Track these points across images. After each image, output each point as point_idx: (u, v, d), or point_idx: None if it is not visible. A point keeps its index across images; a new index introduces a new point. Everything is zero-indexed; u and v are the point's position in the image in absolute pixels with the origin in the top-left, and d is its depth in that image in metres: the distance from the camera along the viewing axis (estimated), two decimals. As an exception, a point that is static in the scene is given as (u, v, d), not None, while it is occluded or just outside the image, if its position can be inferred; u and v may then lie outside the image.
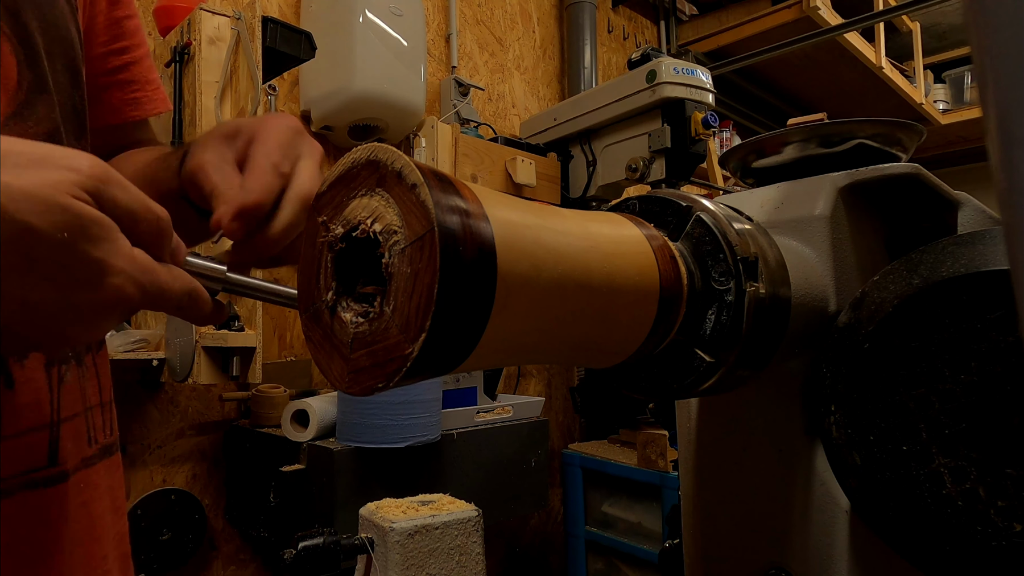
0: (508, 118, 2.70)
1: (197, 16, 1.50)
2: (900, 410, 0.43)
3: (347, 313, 0.33)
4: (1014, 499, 0.39)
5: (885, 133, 0.58)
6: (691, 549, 0.61)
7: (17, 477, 0.44)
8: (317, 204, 0.35)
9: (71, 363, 0.50)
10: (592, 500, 2.34)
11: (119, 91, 0.63)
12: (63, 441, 0.48)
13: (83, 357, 0.52)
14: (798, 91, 3.90)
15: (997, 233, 0.42)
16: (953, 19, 3.87)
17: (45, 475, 0.46)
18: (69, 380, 0.50)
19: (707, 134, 2.01)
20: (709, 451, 0.59)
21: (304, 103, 2.02)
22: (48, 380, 0.47)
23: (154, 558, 1.62)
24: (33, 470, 0.46)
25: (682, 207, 0.44)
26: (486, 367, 0.43)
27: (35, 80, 0.47)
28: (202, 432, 1.78)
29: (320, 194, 0.35)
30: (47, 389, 0.47)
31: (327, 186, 0.35)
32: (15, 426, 0.44)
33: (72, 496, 0.49)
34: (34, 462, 0.46)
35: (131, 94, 0.64)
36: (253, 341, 1.42)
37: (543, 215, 0.36)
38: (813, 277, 0.51)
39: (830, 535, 0.51)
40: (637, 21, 3.41)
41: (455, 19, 2.48)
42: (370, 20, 1.88)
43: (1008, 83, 0.18)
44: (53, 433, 0.47)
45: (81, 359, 0.52)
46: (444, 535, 1.08)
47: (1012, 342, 0.39)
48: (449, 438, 1.66)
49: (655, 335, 0.41)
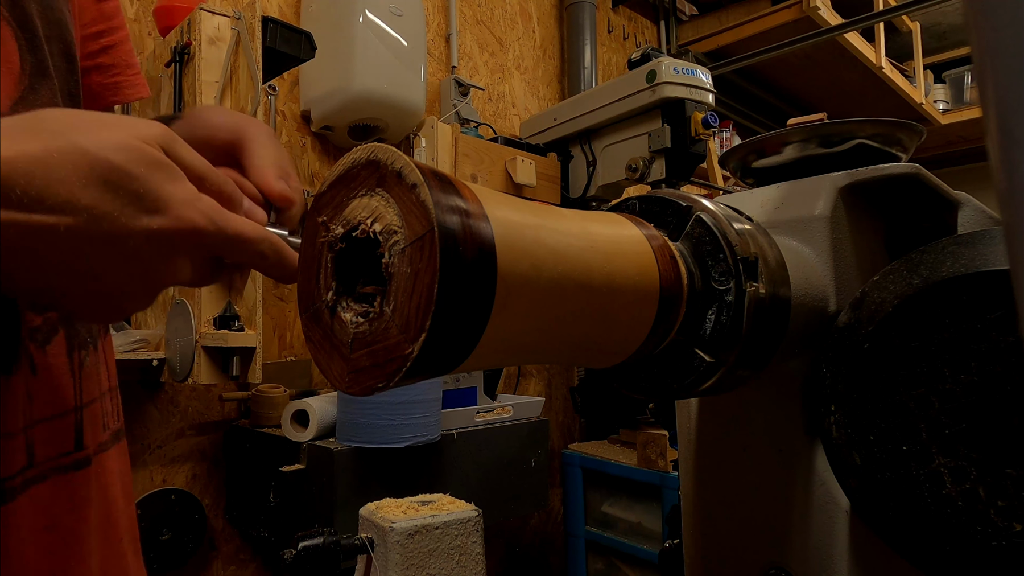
0: (508, 118, 2.70)
1: (197, 16, 1.50)
2: (900, 410, 0.43)
3: (347, 313, 0.33)
4: (1014, 499, 0.39)
5: (885, 133, 0.58)
6: (691, 549, 0.61)
7: (50, 461, 0.46)
8: (317, 204, 0.35)
9: (89, 348, 0.51)
10: (592, 500, 2.34)
11: (99, 75, 0.61)
12: (85, 426, 0.49)
13: (99, 342, 0.53)
14: (798, 91, 3.90)
15: (997, 233, 0.42)
16: (953, 19, 3.87)
17: (74, 459, 0.48)
18: (88, 365, 0.51)
19: (707, 134, 2.01)
20: (709, 451, 0.59)
21: (304, 103, 2.02)
22: (70, 365, 0.48)
23: (154, 558, 1.62)
24: (63, 454, 0.47)
25: (682, 207, 0.44)
26: (486, 367, 0.43)
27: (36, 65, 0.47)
28: (202, 432, 1.78)
29: (320, 194, 0.35)
30: (69, 374, 0.48)
31: (327, 186, 0.35)
32: (44, 411, 0.45)
33: (94, 480, 0.50)
34: (63, 446, 0.47)
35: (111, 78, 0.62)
36: (253, 341, 1.42)
37: (543, 215, 0.36)
38: (813, 277, 0.51)
39: (830, 535, 0.51)
40: (637, 21, 3.41)
41: (455, 19, 2.48)
42: (370, 20, 1.88)
43: (1008, 83, 0.18)
44: (77, 418, 0.48)
45: (97, 344, 0.53)
46: (444, 535, 1.08)
47: (1012, 342, 0.39)
48: (449, 438, 1.66)
49: (655, 335, 0.41)
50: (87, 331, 0.51)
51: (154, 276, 0.35)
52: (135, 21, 1.74)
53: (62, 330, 0.48)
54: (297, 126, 2.05)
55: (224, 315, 1.44)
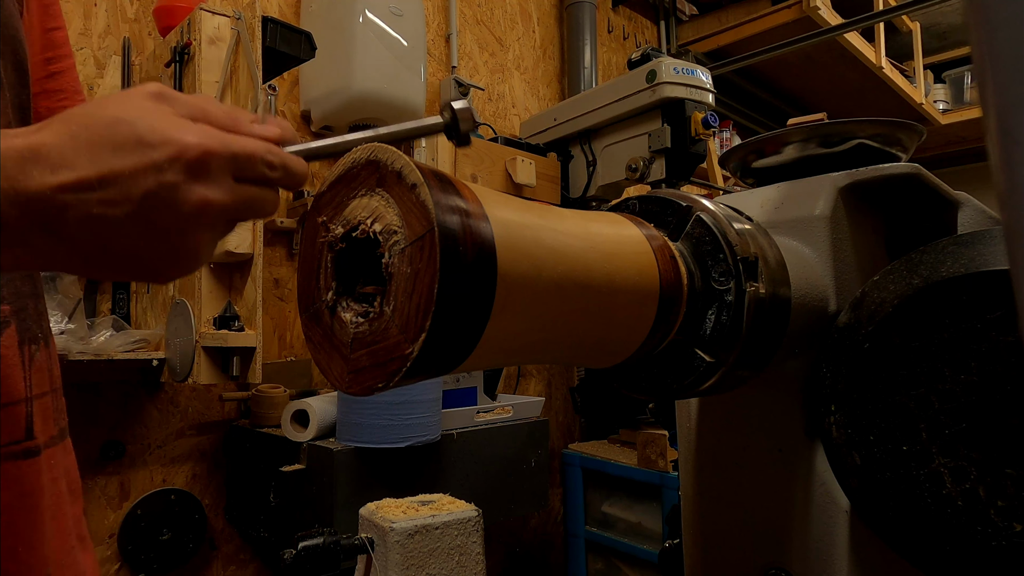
0: (508, 118, 2.70)
1: (197, 16, 1.50)
2: (900, 410, 0.43)
3: (347, 313, 0.33)
4: (1014, 499, 0.39)
5: (885, 133, 0.58)
6: (691, 549, 0.61)
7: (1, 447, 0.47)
8: (317, 204, 0.35)
9: (40, 343, 0.53)
10: (592, 500, 2.34)
11: (46, 99, 0.64)
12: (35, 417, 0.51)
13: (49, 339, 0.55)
14: (798, 91, 3.90)
15: (997, 233, 0.42)
16: (953, 19, 3.87)
17: (24, 447, 0.49)
18: (39, 359, 0.52)
19: (707, 134, 2.01)
20: (709, 451, 0.59)
21: (304, 103, 2.02)
22: (21, 357, 0.50)
23: (154, 558, 1.62)
24: (13, 442, 0.48)
25: (682, 207, 0.44)
26: (486, 367, 0.43)
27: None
28: (202, 432, 1.78)
29: (320, 194, 0.35)
30: (20, 366, 0.50)
31: (327, 186, 0.35)
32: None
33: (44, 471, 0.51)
34: (14, 434, 0.48)
35: (59, 103, 0.64)
36: (253, 341, 1.42)
37: (543, 215, 0.36)
38: (813, 277, 0.51)
39: (830, 535, 0.51)
40: (637, 21, 3.41)
41: (455, 19, 2.47)
42: (370, 20, 1.88)
43: (1008, 83, 0.18)
44: (28, 408, 0.50)
45: (48, 341, 0.55)
46: (444, 535, 1.08)
47: (1012, 342, 0.39)
48: (449, 438, 1.66)
49: (655, 335, 0.41)
50: (38, 327, 0.53)
51: (186, 217, 0.35)
52: (135, 21, 1.74)
53: (14, 323, 0.50)
54: (297, 126, 2.05)
55: (224, 315, 1.44)
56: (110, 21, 1.69)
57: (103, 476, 1.60)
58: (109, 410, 1.61)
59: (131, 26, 1.73)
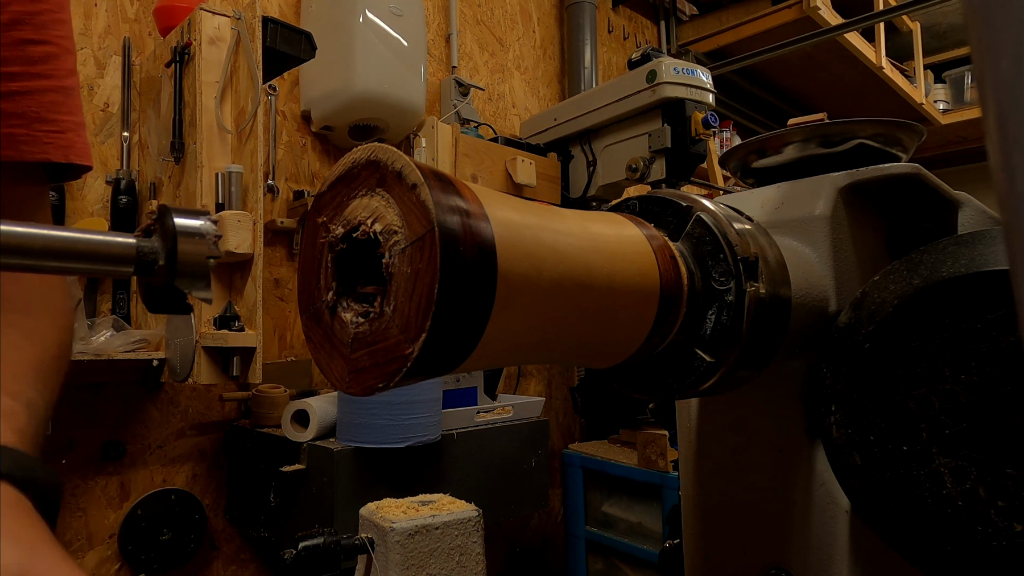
0: (508, 118, 2.70)
1: (197, 16, 1.50)
2: (900, 410, 0.43)
3: (347, 313, 0.33)
4: (1014, 499, 0.39)
5: (885, 133, 0.58)
6: (691, 549, 0.61)
7: None
8: (317, 204, 0.35)
9: None
10: (592, 500, 2.34)
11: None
12: None
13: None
14: (798, 91, 3.90)
15: (997, 233, 0.42)
16: (953, 19, 3.87)
17: None
18: None
19: (707, 134, 2.01)
20: (709, 451, 0.59)
21: (304, 103, 2.02)
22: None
23: (154, 558, 1.63)
24: None
25: (682, 207, 0.44)
26: (486, 367, 0.43)
27: None
28: (202, 432, 1.78)
29: (320, 194, 0.35)
30: None
31: (327, 186, 0.35)
32: None
33: None
34: None
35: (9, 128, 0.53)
36: (253, 341, 1.42)
37: (543, 215, 0.36)
38: (813, 277, 0.51)
39: (830, 535, 0.51)
40: (637, 21, 3.41)
41: (455, 19, 2.48)
42: (370, 20, 1.88)
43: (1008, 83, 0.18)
44: None
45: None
46: (444, 535, 1.08)
47: (1012, 342, 0.39)
48: (449, 438, 1.66)
49: (655, 335, 0.41)
50: None
51: None
52: (135, 21, 1.74)
53: None
54: (297, 126, 2.05)
55: (224, 315, 1.44)
56: (110, 21, 1.69)
57: (103, 476, 1.60)
58: (109, 410, 1.61)
59: (131, 26, 1.73)
